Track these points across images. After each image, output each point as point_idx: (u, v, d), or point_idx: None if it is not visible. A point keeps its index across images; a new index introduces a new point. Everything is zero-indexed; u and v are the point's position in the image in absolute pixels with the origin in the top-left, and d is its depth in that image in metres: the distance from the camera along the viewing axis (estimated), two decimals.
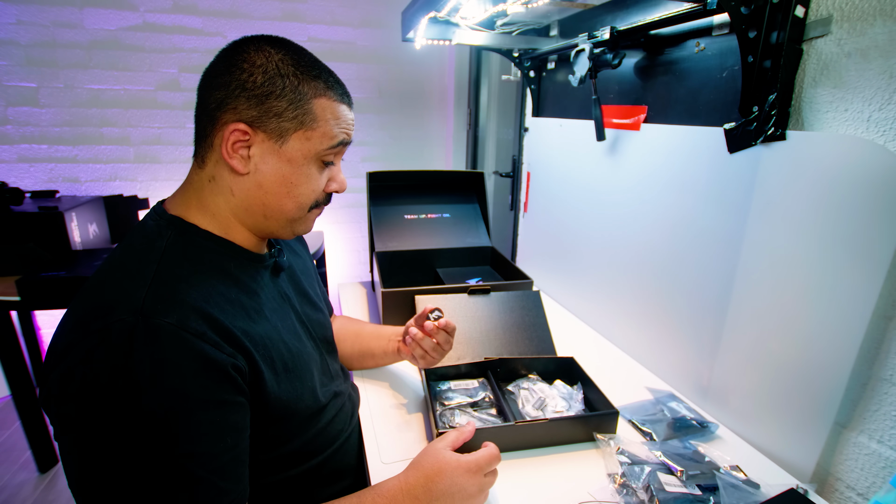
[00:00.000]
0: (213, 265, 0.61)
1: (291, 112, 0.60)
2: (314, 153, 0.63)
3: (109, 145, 2.21)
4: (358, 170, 2.59)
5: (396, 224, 1.51)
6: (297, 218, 0.67)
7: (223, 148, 0.59)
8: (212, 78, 0.60)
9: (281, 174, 0.62)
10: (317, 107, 0.62)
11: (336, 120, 0.64)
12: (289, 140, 0.61)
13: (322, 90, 0.62)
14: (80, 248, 1.79)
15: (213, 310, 0.55)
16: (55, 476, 1.80)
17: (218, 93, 0.59)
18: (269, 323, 0.65)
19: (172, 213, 0.62)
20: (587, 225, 1.34)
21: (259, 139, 0.60)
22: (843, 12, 0.71)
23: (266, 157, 0.61)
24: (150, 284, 0.53)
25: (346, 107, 0.66)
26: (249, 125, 0.59)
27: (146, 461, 0.48)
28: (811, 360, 0.77)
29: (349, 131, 0.67)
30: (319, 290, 0.91)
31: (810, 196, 0.75)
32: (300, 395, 0.67)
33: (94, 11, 2.05)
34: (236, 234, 0.65)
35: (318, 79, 0.62)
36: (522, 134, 1.77)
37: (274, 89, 0.59)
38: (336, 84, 0.65)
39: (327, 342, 0.82)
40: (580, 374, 0.95)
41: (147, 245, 0.58)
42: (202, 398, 0.51)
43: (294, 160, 0.62)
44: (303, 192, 0.64)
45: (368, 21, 2.41)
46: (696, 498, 0.69)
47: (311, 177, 0.64)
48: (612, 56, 1.04)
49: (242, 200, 0.63)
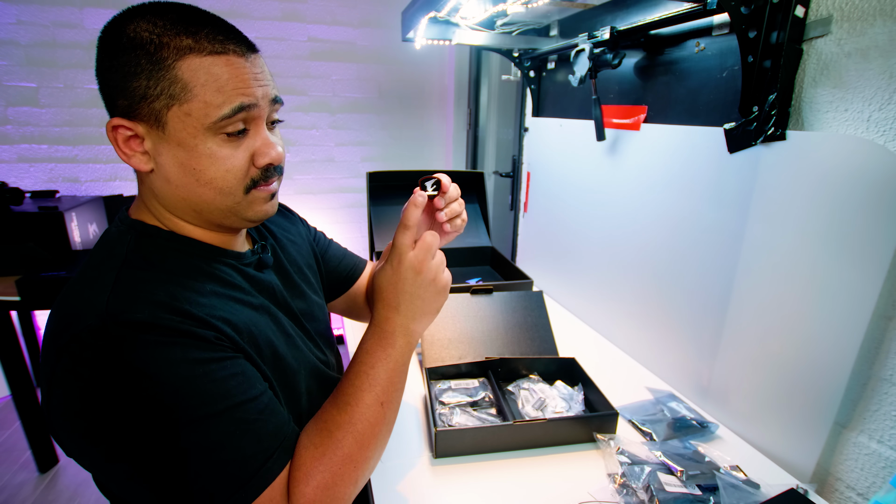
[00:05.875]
0: (181, 264, 0.57)
1: (154, 87, 0.50)
2: (203, 128, 0.52)
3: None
4: (358, 170, 2.59)
5: (396, 224, 1.50)
6: (233, 205, 0.57)
7: (117, 149, 0.54)
8: (97, 78, 0.54)
9: (179, 162, 0.53)
10: (183, 71, 0.50)
11: (218, 80, 0.51)
12: (167, 121, 0.52)
13: (186, 48, 0.50)
14: (80, 248, 1.79)
15: (185, 304, 0.52)
16: (55, 476, 1.80)
17: (103, 92, 0.53)
18: (255, 311, 0.62)
19: (134, 217, 0.59)
20: (587, 225, 1.34)
21: (142, 130, 0.53)
22: (843, 12, 0.71)
23: (158, 147, 0.53)
24: (111, 290, 0.50)
25: (235, 57, 0.53)
26: (125, 117, 0.52)
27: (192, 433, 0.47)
28: (811, 360, 0.77)
29: (249, 90, 0.53)
30: (331, 266, 0.89)
31: (810, 196, 0.75)
32: (291, 385, 0.64)
33: (94, 11, 2.05)
34: (191, 231, 0.60)
35: (180, 35, 0.51)
36: (522, 134, 1.77)
37: (129, 66, 0.50)
38: (211, 33, 0.52)
39: (321, 334, 0.80)
40: (581, 375, 0.95)
41: (107, 252, 0.56)
42: (212, 358, 0.50)
43: (184, 142, 0.52)
44: (215, 176, 0.54)
45: (368, 21, 2.41)
46: (696, 498, 0.69)
47: (216, 156, 0.54)
48: (612, 56, 1.04)
49: (165, 199, 0.57)
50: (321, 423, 0.56)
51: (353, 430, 0.55)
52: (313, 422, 0.57)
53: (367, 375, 0.58)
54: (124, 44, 0.50)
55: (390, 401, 0.59)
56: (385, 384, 0.59)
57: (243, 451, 0.49)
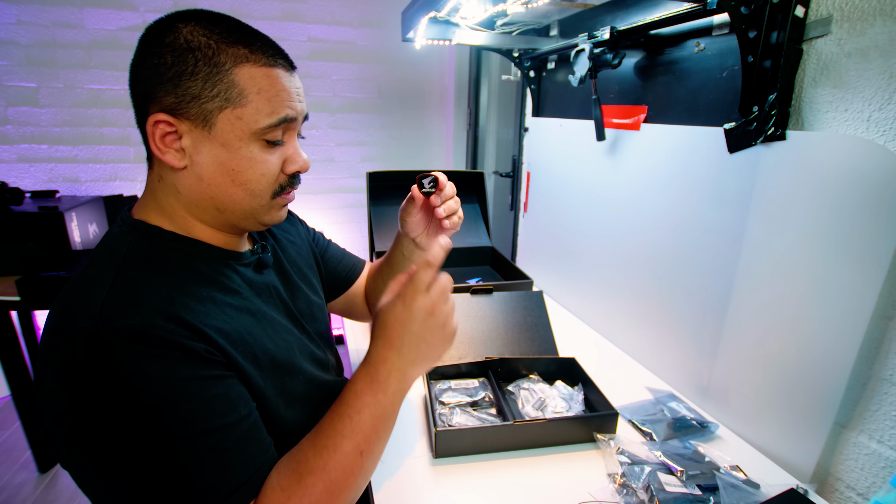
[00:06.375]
0: (180, 266, 0.57)
1: (210, 89, 0.53)
2: (250, 133, 0.55)
3: (109, 145, 2.21)
4: (358, 170, 2.59)
5: (396, 224, 1.50)
6: (257, 207, 0.60)
7: (152, 144, 0.55)
8: (133, 71, 0.55)
9: (218, 162, 0.56)
10: (240, 77, 0.54)
11: (270, 90, 0.56)
12: (216, 122, 0.54)
13: (243, 56, 0.54)
14: (80, 248, 1.79)
15: (180, 311, 0.52)
16: (55, 476, 1.80)
17: (140, 85, 0.54)
18: (252, 318, 0.62)
19: (136, 217, 0.59)
20: (587, 225, 1.34)
21: (186, 128, 0.54)
22: (843, 12, 0.71)
23: (199, 146, 0.55)
24: (108, 291, 0.50)
25: (283, 71, 0.57)
26: (171, 113, 0.53)
27: (167, 451, 0.47)
28: (811, 360, 0.77)
29: (293, 104, 0.58)
30: (330, 267, 0.89)
31: (810, 196, 0.75)
32: (290, 390, 0.64)
33: (94, 11, 2.05)
34: (199, 232, 0.61)
35: (237, 44, 0.54)
36: (522, 134, 1.77)
37: (186, 67, 0.52)
38: (263, 46, 0.56)
39: (321, 335, 0.80)
40: (581, 375, 0.95)
41: (108, 252, 0.56)
42: (197, 376, 0.49)
43: (229, 144, 0.55)
44: (250, 178, 0.57)
45: (368, 21, 2.41)
46: (696, 498, 0.69)
47: (256, 159, 0.57)
48: (612, 56, 1.04)
49: (189, 196, 0.58)
50: (294, 464, 0.53)
51: (326, 477, 0.52)
52: (287, 458, 0.55)
53: (350, 420, 0.55)
54: (181, 45, 0.53)
55: (371, 451, 0.56)
56: (368, 432, 0.56)
57: (208, 480, 0.48)
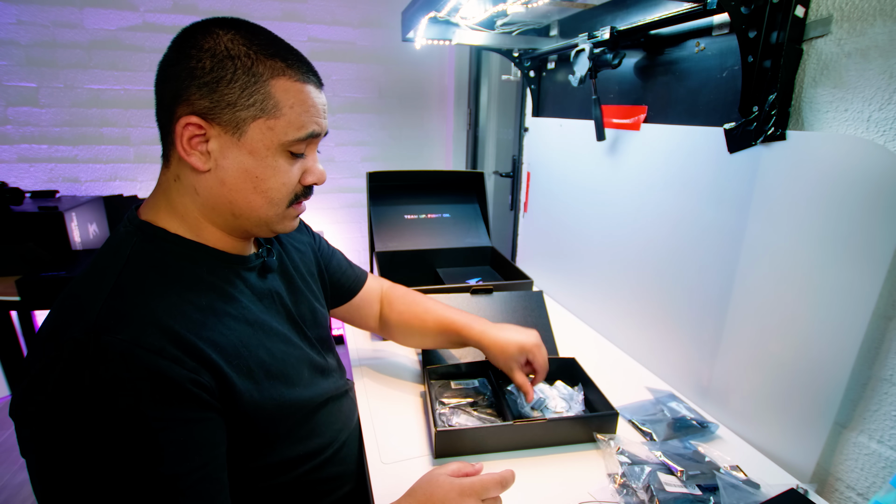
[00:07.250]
0: (182, 272, 0.57)
1: (247, 98, 0.54)
2: (279, 144, 0.57)
3: (109, 145, 2.22)
4: (358, 170, 2.59)
5: (396, 224, 1.51)
6: (273, 215, 0.62)
7: (179, 144, 0.55)
8: (164, 69, 0.56)
9: (244, 168, 0.57)
10: (276, 89, 0.56)
11: (302, 105, 0.58)
12: (247, 130, 0.55)
13: (280, 70, 0.56)
14: (80, 248, 1.79)
15: (176, 322, 0.52)
16: None
17: (170, 85, 0.55)
18: (250, 328, 0.62)
19: (143, 218, 0.59)
20: (587, 225, 1.34)
21: (215, 132, 0.55)
22: (843, 12, 0.71)
23: (226, 151, 0.56)
24: (106, 298, 0.50)
25: (313, 87, 0.60)
26: (203, 117, 0.54)
27: (107, 484, 0.46)
28: (811, 360, 0.77)
29: (320, 120, 0.60)
30: (335, 276, 0.89)
31: (810, 196, 0.75)
32: (287, 400, 0.64)
33: (94, 11, 2.06)
34: (209, 235, 0.61)
35: (275, 57, 0.56)
36: (522, 134, 1.77)
37: (224, 74, 0.53)
38: (298, 62, 0.58)
39: (322, 340, 0.80)
40: (581, 375, 0.95)
41: (111, 255, 0.56)
42: (162, 417, 0.48)
43: (256, 152, 0.57)
44: (272, 187, 0.59)
45: (368, 21, 2.41)
46: (696, 498, 0.69)
47: (280, 169, 0.59)
48: (612, 56, 1.04)
49: (208, 199, 0.58)
50: None
51: None
52: None
53: None
54: (221, 52, 0.54)
55: None
56: None
57: None
